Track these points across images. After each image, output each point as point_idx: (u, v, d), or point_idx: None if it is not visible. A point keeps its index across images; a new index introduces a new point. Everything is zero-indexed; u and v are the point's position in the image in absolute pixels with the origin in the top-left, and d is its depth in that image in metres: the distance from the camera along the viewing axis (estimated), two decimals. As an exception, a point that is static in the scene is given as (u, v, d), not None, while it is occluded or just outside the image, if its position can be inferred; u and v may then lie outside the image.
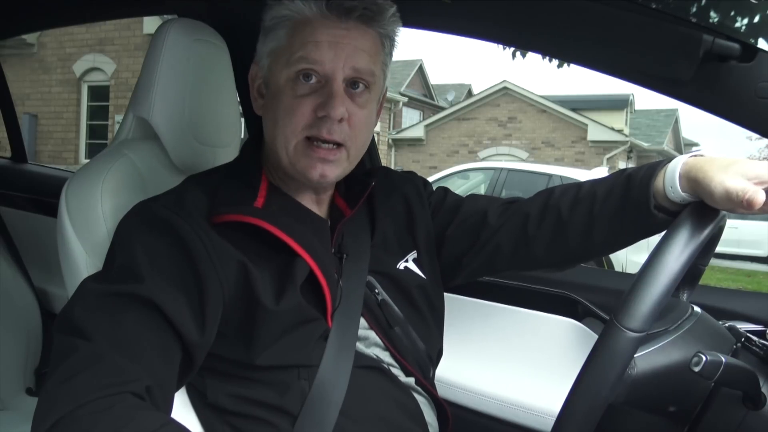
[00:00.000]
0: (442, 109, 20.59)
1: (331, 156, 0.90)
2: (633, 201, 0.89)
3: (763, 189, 0.76)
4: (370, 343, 0.98)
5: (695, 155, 0.86)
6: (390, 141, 18.31)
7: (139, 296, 0.78)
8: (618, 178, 0.94)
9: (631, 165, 15.76)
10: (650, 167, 0.90)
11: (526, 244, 1.00)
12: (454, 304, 1.22)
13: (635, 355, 0.76)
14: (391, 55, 0.96)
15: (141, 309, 0.78)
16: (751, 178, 0.77)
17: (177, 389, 0.84)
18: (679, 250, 0.77)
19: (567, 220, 0.96)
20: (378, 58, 0.93)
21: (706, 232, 0.79)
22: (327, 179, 0.92)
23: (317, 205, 0.98)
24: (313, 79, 0.88)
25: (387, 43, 0.94)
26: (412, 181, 1.11)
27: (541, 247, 0.99)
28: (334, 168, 0.91)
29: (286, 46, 0.89)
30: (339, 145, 0.90)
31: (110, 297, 0.78)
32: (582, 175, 7.03)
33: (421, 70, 22.06)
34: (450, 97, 23.63)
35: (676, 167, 0.84)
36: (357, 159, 0.95)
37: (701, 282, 0.98)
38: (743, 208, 0.75)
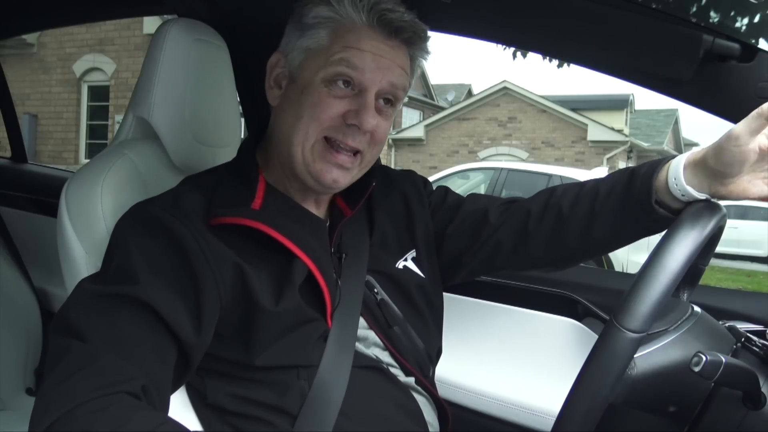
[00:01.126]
0: (442, 109, 20.58)
1: (348, 163, 0.90)
2: (634, 195, 0.89)
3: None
4: (370, 343, 0.98)
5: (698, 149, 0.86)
6: (390, 141, 18.30)
7: (135, 297, 0.78)
8: (621, 175, 0.94)
9: (630, 165, 15.81)
10: (653, 163, 0.90)
11: (526, 242, 1.00)
12: (453, 303, 1.22)
13: (635, 355, 0.76)
14: (414, 76, 0.98)
15: (136, 310, 0.78)
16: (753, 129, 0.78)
17: (175, 390, 0.84)
18: (680, 250, 0.77)
19: (567, 216, 0.96)
20: (409, 78, 0.94)
21: (706, 232, 0.79)
22: (338, 185, 0.92)
23: (316, 206, 0.98)
24: (349, 86, 0.88)
25: (415, 65, 0.96)
26: (412, 179, 1.11)
27: (541, 244, 0.99)
28: (347, 174, 0.92)
29: (326, 47, 0.89)
30: (356, 152, 0.90)
31: (106, 298, 0.78)
32: (582, 175, 7.03)
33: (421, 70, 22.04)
34: (450, 97, 23.62)
35: (680, 160, 0.85)
36: (367, 168, 0.96)
37: (701, 282, 0.98)
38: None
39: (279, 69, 0.94)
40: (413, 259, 1.04)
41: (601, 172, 7.87)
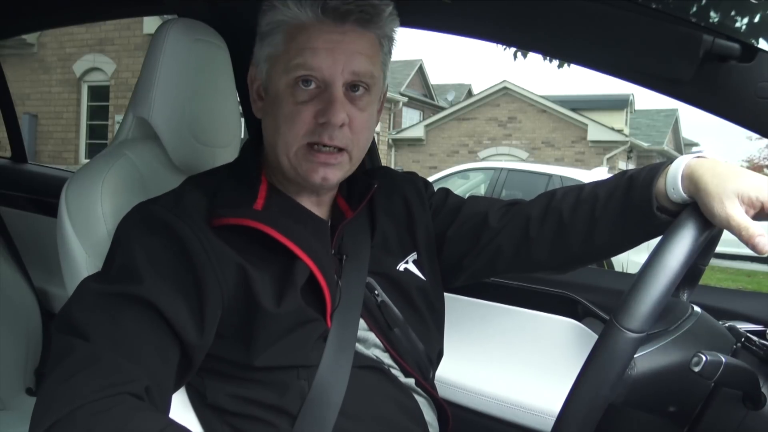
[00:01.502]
0: (442, 109, 20.58)
1: (332, 160, 0.90)
2: (635, 203, 0.89)
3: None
4: (370, 345, 0.98)
5: (697, 156, 0.86)
6: (390, 141, 18.31)
7: (138, 297, 0.78)
8: (620, 180, 0.94)
9: (631, 165, 15.74)
10: (652, 169, 0.90)
11: (527, 247, 1.00)
12: (454, 304, 1.22)
13: (635, 356, 0.76)
14: (390, 53, 0.95)
15: (140, 310, 0.78)
16: (746, 202, 0.77)
17: (175, 390, 0.84)
18: (679, 250, 0.77)
19: (568, 222, 0.96)
20: (377, 59, 0.92)
21: (706, 232, 0.79)
22: (329, 182, 0.91)
23: (318, 206, 0.98)
24: (313, 84, 0.88)
25: (386, 42, 0.93)
26: (413, 181, 1.11)
27: (543, 249, 0.99)
28: (336, 171, 0.91)
29: (283, 52, 0.89)
30: (341, 149, 0.90)
31: (109, 297, 0.78)
32: (582, 175, 7.03)
33: (421, 70, 22.05)
34: (450, 97, 23.62)
35: (678, 169, 0.84)
36: (359, 161, 0.95)
37: (701, 282, 0.98)
38: (745, 243, 0.76)
39: (257, 82, 0.95)
40: (414, 262, 1.04)
41: (601, 172, 7.88)
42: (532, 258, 1.01)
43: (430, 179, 1.16)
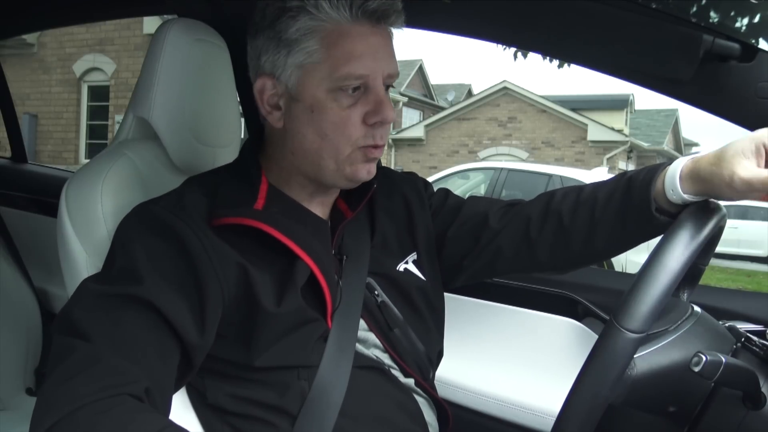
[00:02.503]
0: (442, 109, 20.59)
1: (379, 154, 0.92)
2: (634, 204, 0.89)
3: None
4: (370, 345, 0.98)
5: (693, 157, 0.86)
6: (390, 141, 18.30)
7: (139, 298, 0.78)
8: (618, 181, 0.94)
9: (631, 165, 15.73)
10: (650, 170, 0.90)
11: (528, 249, 1.00)
12: (454, 304, 1.22)
13: (635, 356, 0.76)
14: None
15: (140, 310, 0.78)
16: (751, 156, 0.78)
17: (176, 390, 0.83)
18: (679, 251, 0.77)
19: (568, 225, 0.96)
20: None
21: (706, 232, 0.79)
22: (371, 175, 0.93)
23: (318, 207, 0.98)
24: (354, 89, 0.87)
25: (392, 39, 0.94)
26: (413, 182, 1.11)
27: (544, 251, 0.99)
28: (375, 164, 0.93)
29: (324, 60, 0.86)
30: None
31: (110, 298, 0.78)
32: (582, 175, 7.03)
33: (421, 70, 22.06)
34: (450, 97, 23.62)
35: (676, 170, 0.85)
36: None
37: (701, 282, 0.98)
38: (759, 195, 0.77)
39: (270, 92, 0.90)
40: (414, 262, 1.04)
41: (601, 172, 7.88)
42: (533, 259, 1.01)
43: (430, 179, 1.16)
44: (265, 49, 0.89)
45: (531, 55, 4.56)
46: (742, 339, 0.87)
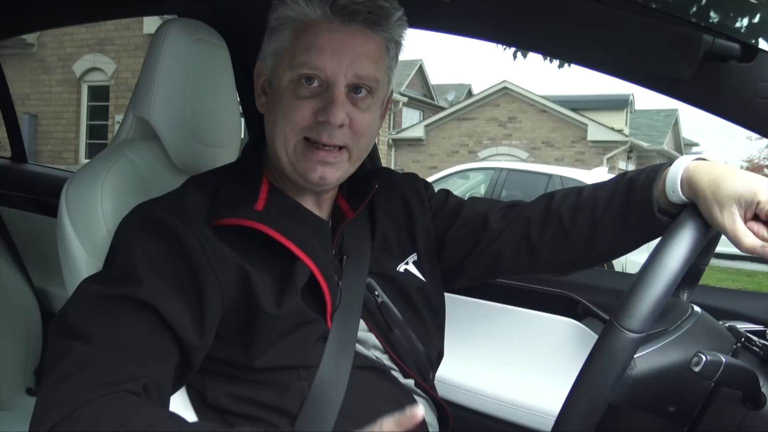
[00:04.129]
0: (442, 109, 20.58)
1: (331, 158, 0.89)
2: (636, 206, 0.89)
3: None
4: (370, 346, 0.98)
5: (697, 158, 0.86)
6: (390, 141, 18.30)
7: (138, 299, 0.78)
8: (619, 182, 0.94)
9: (631, 165, 15.72)
10: (651, 171, 0.89)
11: (528, 250, 1.00)
12: (454, 304, 1.22)
13: (635, 356, 0.76)
14: (396, 59, 0.95)
15: (139, 311, 0.78)
16: (743, 205, 0.77)
17: (175, 391, 0.84)
18: (679, 251, 0.77)
19: (569, 226, 0.96)
20: (382, 63, 0.92)
21: (706, 232, 0.79)
22: (327, 181, 0.91)
23: (319, 207, 0.98)
24: (315, 83, 0.88)
25: (392, 47, 0.93)
26: (413, 182, 1.11)
27: (545, 252, 0.99)
28: (335, 170, 0.91)
29: (289, 48, 0.89)
30: (340, 147, 0.90)
31: (108, 299, 0.78)
32: (582, 175, 7.02)
33: (421, 70, 22.05)
34: (450, 97, 23.61)
35: (677, 172, 0.84)
36: (359, 161, 0.95)
37: (701, 282, 0.98)
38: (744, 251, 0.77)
39: (263, 76, 0.95)
40: (414, 263, 1.04)
41: (601, 172, 7.88)
42: (533, 260, 1.00)
43: (430, 179, 1.16)
44: (264, 38, 0.94)
45: (531, 55, 4.56)
46: (742, 339, 0.87)
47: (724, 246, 0.90)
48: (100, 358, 0.73)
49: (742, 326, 0.91)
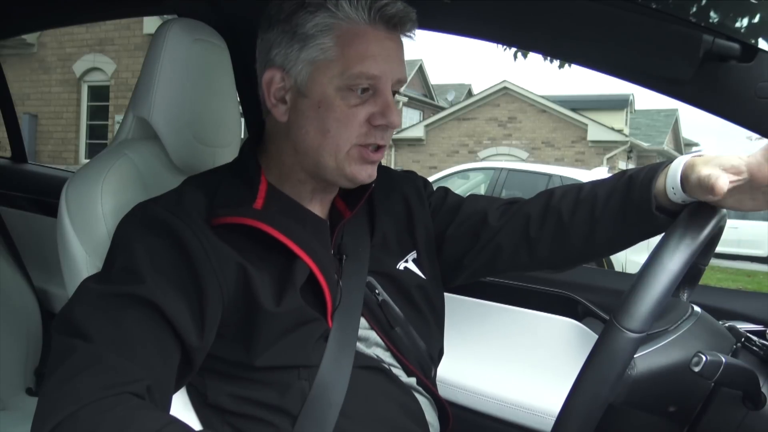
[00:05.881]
0: (442, 109, 20.58)
1: (379, 157, 0.92)
2: (634, 203, 0.89)
3: (741, 178, 0.78)
4: (371, 344, 0.98)
5: (697, 155, 0.86)
6: (390, 141, 18.28)
7: (140, 297, 0.78)
8: (619, 179, 0.94)
9: (631, 165, 15.74)
10: (651, 169, 0.90)
11: (527, 246, 1.00)
12: (454, 304, 1.22)
13: (635, 356, 0.76)
14: None
15: (141, 310, 0.78)
16: (727, 168, 0.79)
17: (176, 390, 0.84)
18: (679, 251, 0.77)
19: (568, 222, 0.96)
20: None
21: (706, 232, 0.79)
22: (372, 179, 0.93)
23: (318, 206, 0.98)
24: (363, 89, 0.88)
25: None
26: (413, 180, 1.11)
27: (543, 249, 0.99)
28: (376, 168, 0.94)
29: (337, 58, 0.87)
30: (384, 146, 0.93)
31: (110, 298, 0.78)
32: (582, 175, 7.02)
33: (421, 70, 22.06)
34: (450, 97, 23.62)
35: (678, 168, 0.84)
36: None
37: (701, 282, 0.98)
38: (710, 194, 0.77)
39: (277, 84, 0.91)
40: (414, 261, 1.04)
41: (601, 172, 7.87)
42: (532, 257, 1.01)
43: (430, 179, 1.16)
44: (277, 42, 0.90)
45: (531, 55, 4.56)
46: (742, 339, 0.87)
47: (724, 246, 0.90)
48: (103, 358, 0.73)
49: (742, 326, 0.91)
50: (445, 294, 1.10)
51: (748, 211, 0.84)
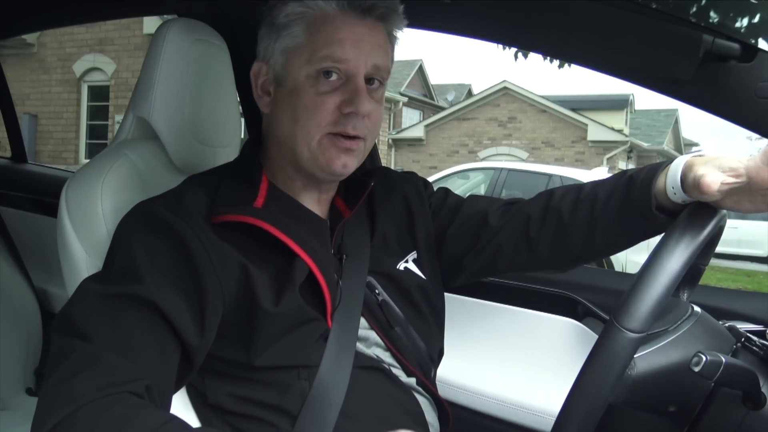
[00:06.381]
0: (442, 109, 20.58)
1: (353, 146, 0.91)
2: (634, 202, 0.89)
3: (739, 181, 0.78)
4: (371, 344, 0.98)
5: (697, 155, 0.86)
6: (390, 141, 18.30)
7: (140, 297, 0.78)
8: (619, 179, 0.94)
9: (631, 165, 15.76)
10: (652, 168, 0.90)
11: (527, 246, 1.00)
12: (454, 304, 1.22)
13: (635, 356, 0.76)
14: (394, 51, 0.97)
15: (141, 310, 0.78)
16: (725, 170, 0.78)
17: (176, 390, 0.84)
18: (679, 251, 0.77)
19: (568, 222, 0.96)
20: (390, 55, 0.94)
21: (706, 232, 0.79)
22: (348, 169, 0.92)
23: (318, 206, 0.98)
24: (334, 76, 0.88)
25: (393, 40, 0.96)
26: (413, 181, 1.11)
27: (543, 249, 0.99)
28: (354, 158, 0.92)
29: (305, 44, 0.89)
30: (361, 137, 0.91)
31: (110, 298, 0.78)
32: (582, 175, 7.02)
33: (421, 70, 22.05)
34: (450, 97, 23.61)
35: (678, 168, 0.84)
36: (368, 151, 0.96)
37: (701, 282, 0.98)
38: (700, 192, 0.78)
39: (263, 77, 0.94)
40: (414, 261, 1.04)
41: (601, 172, 7.87)
42: (532, 257, 1.01)
43: (430, 179, 1.16)
44: (262, 36, 0.93)
45: (531, 55, 4.56)
46: (742, 339, 0.87)
47: (724, 246, 0.90)
48: (102, 357, 0.73)
49: (742, 326, 0.91)
50: (445, 294, 1.10)
51: (746, 213, 0.84)
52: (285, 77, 0.91)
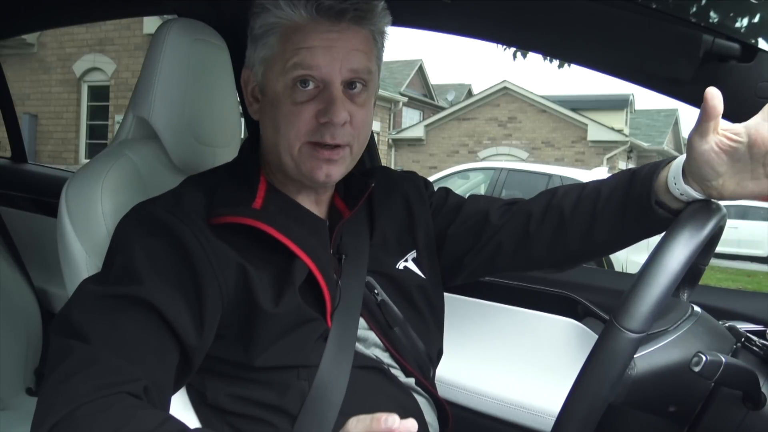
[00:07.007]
0: (442, 109, 20.59)
1: (335, 156, 0.90)
2: (635, 197, 0.89)
3: (739, 140, 0.78)
4: (370, 344, 0.98)
5: None
6: (390, 141, 18.30)
7: (138, 298, 0.78)
8: (622, 176, 0.94)
9: (631, 165, 15.76)
10: (654, 164, 0.90)
11: (527, 243, 1.00)
12: (454, 304, 1.22)
13: (635, 356, 0.76)
14: (383, 47, 0.96)
15: (140, 311, 0.78)
16: (725, 128, 0.79)
17: (175, 391, 0.84)
18: (679, 250, 0.77)
19: (569, 218, 0.96)
20: (372, 55, 0.92)
21: (706, 232, 0.79)
22: (332, 179, 0.92)
23: (316, 206, 0.98)
24: (311, 84, 0.88)
25: (379, 38, 0.94)
26: (413, 180, 1.11)
27: (543, 246, 0.99)
28: (339, 167, 0.91)
29: (279, 54, 0.88)
30: (343, 145, 0.90)
31: (109, 299, 0.78)
32: (582, 175, 7.03)
33: (421, 70, 22.05)
34: (450, 97, 23.62)
35: (680, 162, 0.85)
36: (359, 156, 0.95)
37: (701, 282, 0.98)
38: (706, 119, 0.78)
39: (251, 84, 0.94)
40: (414, 260, 1.04)
41: (601, 172, 7.87)
42: (532, 255, 1.01)
43: (430, 179, 1.16)
44: (248, 45, 0.94)
45: (531, 55, 4.56)
46: (742, 339, 0.87)
47: (724, 246, 0.90)
48: (101, 358, 0.73)
49: (742, 326, 0.91)
50: (445, 294, 1.10)
51: (749, 197, 0.81)
52: (265, 87, 0.91)
